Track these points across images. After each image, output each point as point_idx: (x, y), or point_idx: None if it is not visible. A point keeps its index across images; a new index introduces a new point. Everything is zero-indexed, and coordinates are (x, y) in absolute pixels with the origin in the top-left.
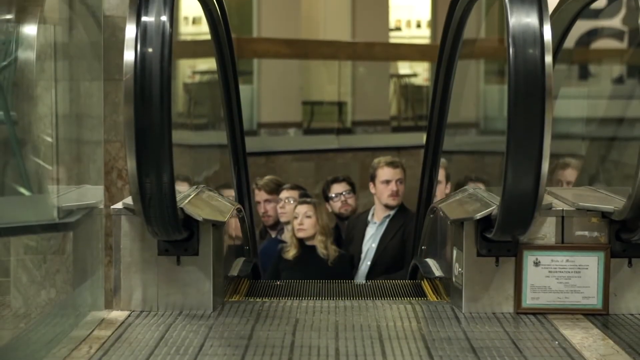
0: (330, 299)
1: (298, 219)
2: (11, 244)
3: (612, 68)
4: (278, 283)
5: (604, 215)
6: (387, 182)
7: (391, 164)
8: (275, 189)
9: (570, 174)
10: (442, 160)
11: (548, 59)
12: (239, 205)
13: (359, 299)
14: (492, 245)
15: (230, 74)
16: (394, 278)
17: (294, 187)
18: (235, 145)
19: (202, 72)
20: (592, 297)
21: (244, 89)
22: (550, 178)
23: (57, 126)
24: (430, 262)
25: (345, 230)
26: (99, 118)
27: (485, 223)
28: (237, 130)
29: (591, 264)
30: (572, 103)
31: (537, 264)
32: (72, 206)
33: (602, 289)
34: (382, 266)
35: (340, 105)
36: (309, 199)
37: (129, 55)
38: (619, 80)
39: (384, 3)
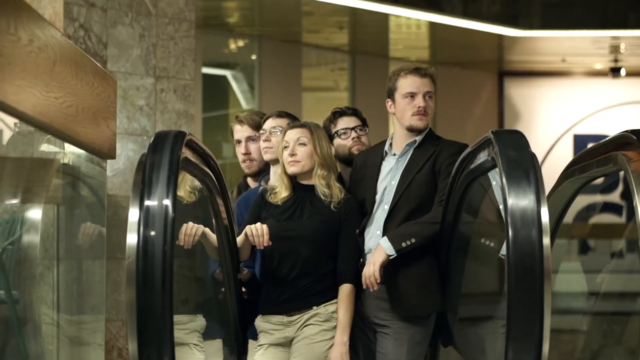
0: None
1: (289, 148)
2: None
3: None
4: None
5: None
6: (412, 95)
7: (417, 72)
8: (260, 124)
9: None
10: None
11: (546, 240)
12: None
13: None
14: None
15: (228, 251)
16: (421, 222)
17: (282, 115)
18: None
19: None
20: None
21: None
22: None
23: (58, 305)
24: None
25: (352, 169)
26: (101, 297)
27: None
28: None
29: None
30: (572, 277)
31: None
32: None
33: None
34: (405, 209)
35: None
36: (302, 121)
37: (131, 239)
38: (619, 255)
39: None
